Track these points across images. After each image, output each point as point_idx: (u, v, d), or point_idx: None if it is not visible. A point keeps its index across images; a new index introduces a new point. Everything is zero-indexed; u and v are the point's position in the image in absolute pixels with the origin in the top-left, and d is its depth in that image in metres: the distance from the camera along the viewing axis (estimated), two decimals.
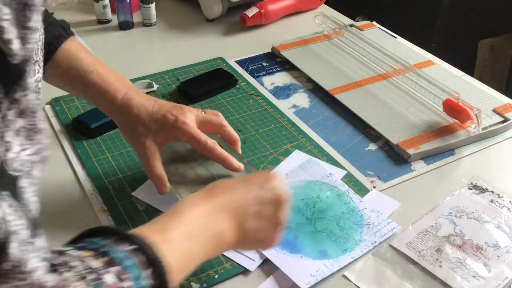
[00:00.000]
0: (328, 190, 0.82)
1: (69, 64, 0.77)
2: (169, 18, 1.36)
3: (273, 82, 1.11)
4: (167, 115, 0.74)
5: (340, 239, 0.74)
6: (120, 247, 0.47)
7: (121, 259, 0.46)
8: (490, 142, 0.94)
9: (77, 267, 0.43)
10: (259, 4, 1.30)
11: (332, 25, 1.24)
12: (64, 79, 0.79)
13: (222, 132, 0.77)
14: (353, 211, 0.79)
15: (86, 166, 0.87)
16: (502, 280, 0.69)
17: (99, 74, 0.77)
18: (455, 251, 0.73)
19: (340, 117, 1.00)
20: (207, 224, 0.57)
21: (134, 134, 0.75)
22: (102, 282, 0.43)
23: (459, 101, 0.94)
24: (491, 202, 0.80)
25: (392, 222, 0.77)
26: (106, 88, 0.76)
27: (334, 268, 0.70)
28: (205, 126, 0.76)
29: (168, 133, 0.73)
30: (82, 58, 0.78)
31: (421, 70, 1.06)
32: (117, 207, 0.79)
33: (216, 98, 1.05)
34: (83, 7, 1.38)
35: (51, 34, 0.77)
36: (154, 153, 0.73)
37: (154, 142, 0.73)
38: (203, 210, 0.57)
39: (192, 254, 0.55)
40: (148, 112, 0.74)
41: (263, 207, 0.61)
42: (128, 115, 0.75)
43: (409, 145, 0.90)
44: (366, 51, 1.15)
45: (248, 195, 0.61)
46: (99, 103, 0.78)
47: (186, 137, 0.73)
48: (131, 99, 0.76)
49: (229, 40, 1.27)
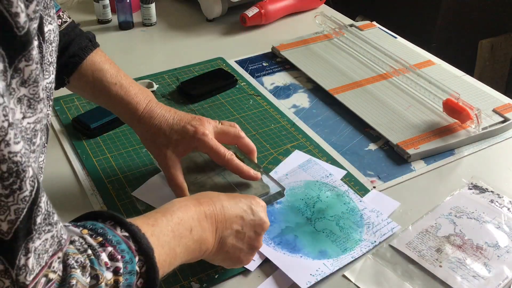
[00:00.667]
0: (328, 190, 0.82)
1: (93, 76, 0.79)
2: (169, 18, 1.36)
3: (273, 82, 1.11)
4: (187, 126, 0.76)
5: (340, 239, 0.74)
6: (115, 231, 0.50)
7: (116, 242, 0.49)
8: (490, 142, 0.94)
9: (77, 241, 0.47)
10: (259, 4, 1.30)
11: (332, 25, 1.24)
12: (88, 89, 0.81)
13: (239, 143, 0.80)
14: (352, 211, 0.79)
15: (86, 166, 0.87)
16: (502, 280, 0.69)
17: (122, 86, 0.79)
18: (455, 251, 0.73)
19: (340, 117, 1.00)
20: (193, 228, 0.59)
21: (155, 145, 0.77)
22: (99, 258, 0.47)
23: (459, 101, 0.94)
24: (491, 202, 0.80)
25: (392, 222, 0.77)
26: (129, 100, 0.78)
27: (334, 268, 0.70)
28: (222, 137, 0.78)
29: (188, 143, 0.75)
30: (106, 70, 0.80)
31: (421, 70, 1.06)
32: (117, 207, 0.79)
33: (216, 98, 1.05)
34: (83, 7, 1.38)
35: (78, 46, 0.79)
36: (175, 163, 0.75)
37: (174, 153, 0.76)
38: (192, 214, 0.60)
39: (175, 252, 0.57)
40: (169, 123, 0.77)
41: (246, 229, 0.64)
42: (149, 126, 0.77)
43: (409, 145, 0.90)
44: (366, 51, 1.15)
45: (235, 213, 0.64)
46: (122, 114, 0.80)
47: (205, 148, 0.75)
48: (152, 110, 0.78)
49: (229, 40, 1.27)
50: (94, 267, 0.46)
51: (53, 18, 0.45)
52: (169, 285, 0.68)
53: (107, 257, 0.47)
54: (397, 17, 2.10)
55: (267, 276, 0.70)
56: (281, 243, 0.74)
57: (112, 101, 0.79)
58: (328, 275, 0.69)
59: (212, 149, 0.75)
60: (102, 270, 0.46)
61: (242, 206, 0.65)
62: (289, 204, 0.80)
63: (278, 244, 0.73)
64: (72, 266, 0.44)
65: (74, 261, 0.44)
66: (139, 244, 0.51)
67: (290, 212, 0.79)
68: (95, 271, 0.45)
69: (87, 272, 0.45)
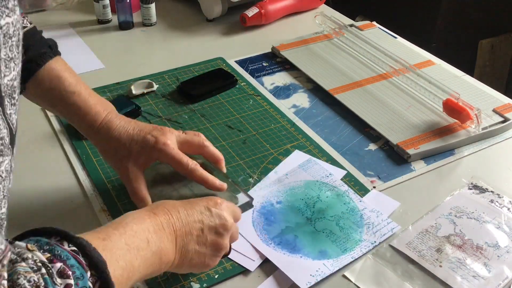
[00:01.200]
0: (328, 190, 0.82)
1: (50, 83, 0.76)
2: (169, 18, 1.36)
3: (273, 82, 1.11)
4: (147, 137, 0.73)
5: (340, 239, 0.74)
6: (62, 246, 0.47)
7: (65, 257, 0.46)
8: (490, 142, 0.94)
9: (30, 258, 0.43)
10: (259, 4, 1.30)
11: (332, 25, 1.24)
12: (45, 97, 0.78)
13: (205, 152, 0.77)
14: (353, 211, 0.79)
15: (86, 166, 0.87)
16: (502, 280, 0.69)
17: (80, 96, 0.76)
18: (455, 251, 0.73)
19: (340, 117, 1.00)
20: (150, 240, 0.57)
21: (116, 157, 0.74)
22: (53, 277, 0.43)
23: (459, 101, 0.94)
24: (491, 202, 0.80)
25: (392, 222, 0.77)
26: (87, 110, 0.75)
27: (334, 268, 0.70)
28: (186, 147, 0.75)
29: (149, 155, 0.73)
30: (65, 78, 0.76)
31: (421, 70, 1.06)
32: (117, 207, 0.79)
33: (216, 98, 1.05)
34: (83, 7, 1.38)
35: (37, 52, 0.76)
36: (137, 176, 0.72)
37: (136, 165, 0.72)
38: (147, 226, 0.58)
39: (133, 266, 0.54)
40: (129, 134, 0.74)
41: (207, 232, 0.62)
42: (108, 138, 0.74)
43: (409, 145, 0.90)
44: (366, 51, 1.15)
45: (193, 218, 0.62)
46: (79, 125, 0.77)
47: (167, 159, 0.73)
48: (111, 121, 0.75)
49: (229, 40, 1.27)
50: (47, 287, 0.42)
51: (11, 11, 0.42)
52: (169, 285, 0.68)
53: (56, 274, 0.44)
54: (397, 17, 2.10)
55: (267, 276, 0.70)
56: (281, 243, 0.74)
57: (70, 111, 0.76)
58: (328, 275, 0.69)
59: (174, 158, 0.72)
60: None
61: (199, 209, 0.63)
62: (289, 204, 0.80)
63: (278, 244, 0.73)
64: (23, 286, 0.41)
65: (26, 281, 0.41)
66: (89, 258, 0.48)
67: (290, 212, 0.79)
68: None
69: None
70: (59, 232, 0.49)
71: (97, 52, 1.20)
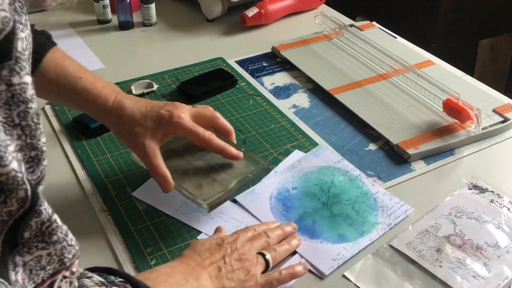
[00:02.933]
0: (341, 175, 0.84)
1: (56, 72, 0.75)
2: (169, 18, 1.36)
3: (273, 82, 1.11)
4: (161, 112, 0.74)
5: (357, 222, 0.76)
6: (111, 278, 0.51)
7: (117, 283, 0.49)
8: (490, 142, 0.94)
9: (92, 277, 0.47)
10: (259, 4, 1.30)
11: (332, 25, 1.24)
12: (51, 87, 0.77)
13: (216, 123, 0.78)
14: (366, 195, 0.80)
15: (86, 166, 0.87)
16: (502, 280, 0.69)
17: (87, 80, 0.76)
18: (455, 251, 0.73)
19: (340, 117, 1.00)
20: (187, 278, 0.60)
21: (131, 136, 0.74)
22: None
23: (459, 101, 0.94)
24: (491, 202, 0.80)
25: (405, 204, 0.79)
26: (97, 93, 0.75)
27: (354, 251, 0.72)
28: (199, 120, 0.76)
29: (165, 129, 0.73)
30: (69, 65, 0.76)
31: (421, 70, 1.06)
32: (117, 207, 0.79)
33: (216, 98, 1.05)
34: (83, 7, 1.38)
35: (36, 43, 0.75)
36: (155, 152, 0.73)
37: (153, 141, 0.73)
38: (183, 270, 0.61)
39: None
40: (142, 112, 0.74)
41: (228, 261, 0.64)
42: (122, 118, 0.74)
43: (409, 145, 0.90)
44: (366, 51, 1.15)
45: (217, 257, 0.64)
46: (90, 109, 0.77)
47: (184, 131, 0.73)
48: (122, 101, 0.75)
49: (229, 40, 1.27)
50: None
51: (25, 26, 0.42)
52: None
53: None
54: (397, 17, 2.10)
55: None
56: (300, 228, 0.75)
57: (79, 96, 0.75)
58: (329, 274, 0.69)
59: (191, 130, 0.73)
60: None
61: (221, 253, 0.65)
62: (304, 190, 0.81)
63: (298, 230, 0.74)
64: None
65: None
66: None
67: (306, 197, 0.80)
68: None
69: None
70: (102, 269, 0.52)
71: (97, 52, 1.20)
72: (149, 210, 0.78)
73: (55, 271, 0.40)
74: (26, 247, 0.37)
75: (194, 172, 0.77)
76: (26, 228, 0.37)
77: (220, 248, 0.65)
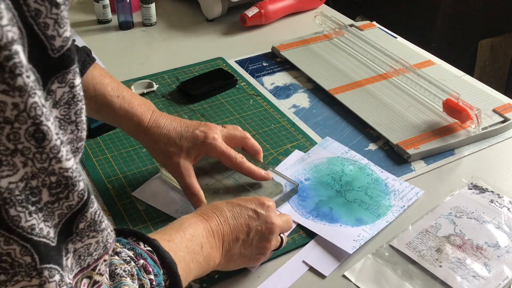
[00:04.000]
0: (350, 164, 0.86)
1: (95, 90, 0.77)
2: (169, 18, 1.36)
3: (273, 82, 1.11)
4: (196, 132, 0.76)
5: (372, 206, 0.79)
6: (139, 246, 0.53)
7: (145, 255, 0.52)
8: (490, 142, 0.94)
9: (122, 252, 0.50)
10: (259, 4, 1.30)
11: (332, 25, 1.24)
12: (89, 103, 0.78)
13: (246, 144, 0.81)
14: (377, 181, 0.83)
15: (86, 166, 0.87)
16: (502, 280, 0.69)
17: (124, 99, 0.78)
18: (455, 251, 0.73)
19: (340, 117, 1.00)
20: (203, 245, 0.61)
21: (167, 155, 0.76)
22: (141, 270, 0.50)
23: (459, 101, 0.94)
24: (491, 202, 0.80)
25: (415, 187, 0.82)
26: (133, 111, 0.77)
27: (373, 232, 0.75)
28: (230, 141, 0.79)
29: (199, 149, 0.76)
30: (107, 83, 0.78)
31: (421, 70, 1.06)
32: (117, 207, 0.79)
33: (216, 98, 1.05)
34: (83, 7, 1.38)
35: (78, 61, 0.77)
36: (189, 171, 0.75)
37: (187, 161, 0.75)
38: (201, 231, 0.61)
39: (189, 268, 0.58)
40: (177, 131, 0.76)
41: (253, 236, 0.65)
42: (158, 136, 0.76)
43: (409, 145, 0.90)
44: (366, 51, 1.15)
45: (240, 222, 0.65)
46: (127, 127, 0.79)
47: (216, 153, 0.76)
48: (158, 120, 0.77)
49: (229, 40, 1.27)
50: (139, 277, 0.49)
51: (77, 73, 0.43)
52: None
53: (142, 268, 0.51)
54: (397, 17, 2.10)
55: (267, 276, 0.70)
56: (318, 215, 0.77)
57: (116, 114, 0.78)
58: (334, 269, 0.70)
59: (224, 153, 0.76)
60: (146, 280, 0.50)
61: (247, 212, 0.65)
62: (317, 180, 0.83)
63: (317, 217, 0.77)
64: (121, 275, 0.47)
65: (122, 271, 0.48)
66: (162, 259, 0.53)
67: (320, 187, 0.82)
68: (141, 281, 0.49)
69: (135, 280, 0.48)
70: (134, 233, 0.55)
71: (97, 52, 1.20)
72: (149, 210, 0.78)
73: (99, 256, 0.42)
74: (79, 236, 0.40)
75: (225, 191, 0.79)
76: (82, 219, 0.39)
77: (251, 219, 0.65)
